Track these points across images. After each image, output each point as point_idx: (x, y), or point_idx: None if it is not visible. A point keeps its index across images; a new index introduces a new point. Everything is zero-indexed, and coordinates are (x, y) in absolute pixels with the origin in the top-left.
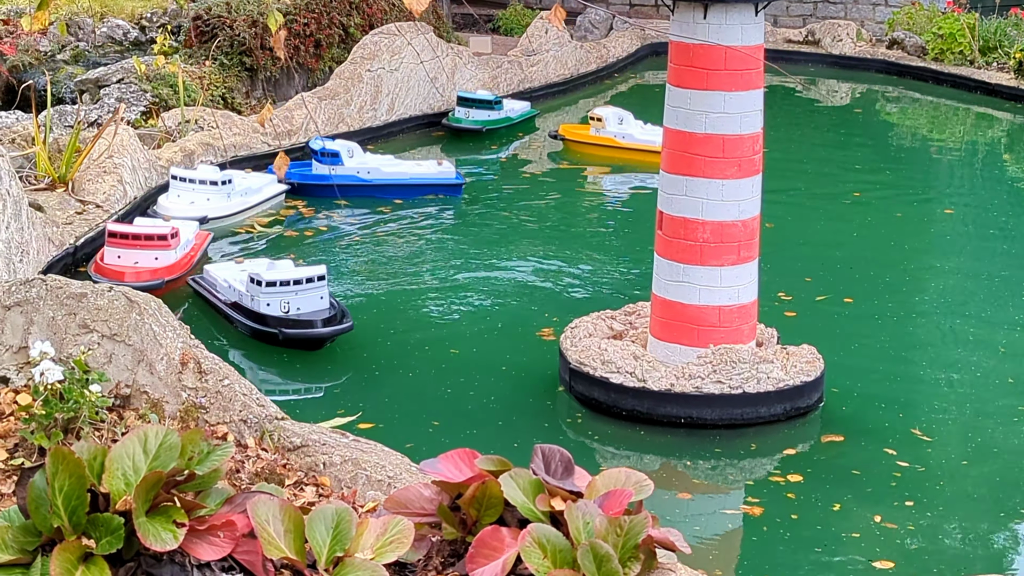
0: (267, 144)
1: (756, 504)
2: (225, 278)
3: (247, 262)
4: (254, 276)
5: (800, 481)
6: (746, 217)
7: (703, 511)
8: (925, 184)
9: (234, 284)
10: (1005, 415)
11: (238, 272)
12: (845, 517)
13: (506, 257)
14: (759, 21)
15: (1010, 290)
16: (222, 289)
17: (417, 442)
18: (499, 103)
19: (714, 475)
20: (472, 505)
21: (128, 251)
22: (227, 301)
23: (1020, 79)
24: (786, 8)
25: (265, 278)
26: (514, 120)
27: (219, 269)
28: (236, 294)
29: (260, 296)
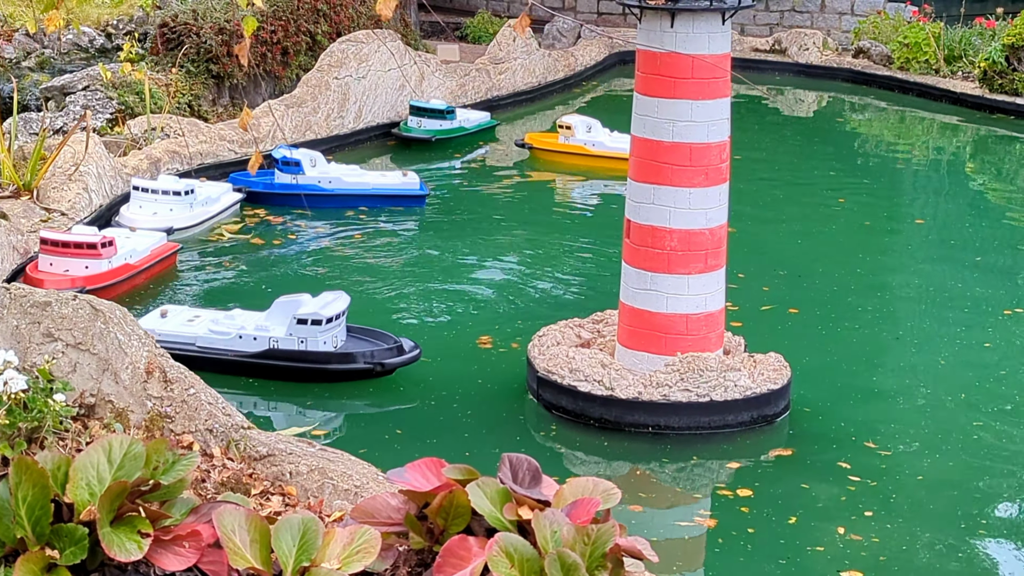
0: (234, 152)
1: (716, 515)
2: (234, 329)
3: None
4: (307, 316)
5: (750, 496)
6: (713, 225)
7: (670, 519)
8: (891, 193)
9: (256, 332)
10: (960, 428)
11: (244, 320)
12: (804, 529)
13: (472, 267)
14: (726, 30)
15: (974, 302)
16: (232, 343)
17: (383, 451)
18: (451, 113)
19: (681, 484)
20: (439, 514)
21: (59, 259)
22: (252, 352)
23: (985, 88)
24: (753, 17)
25: (324, 315)
26: (469, 130)
27: (204, 324)
28: (268, 342)
29: (318, 335)
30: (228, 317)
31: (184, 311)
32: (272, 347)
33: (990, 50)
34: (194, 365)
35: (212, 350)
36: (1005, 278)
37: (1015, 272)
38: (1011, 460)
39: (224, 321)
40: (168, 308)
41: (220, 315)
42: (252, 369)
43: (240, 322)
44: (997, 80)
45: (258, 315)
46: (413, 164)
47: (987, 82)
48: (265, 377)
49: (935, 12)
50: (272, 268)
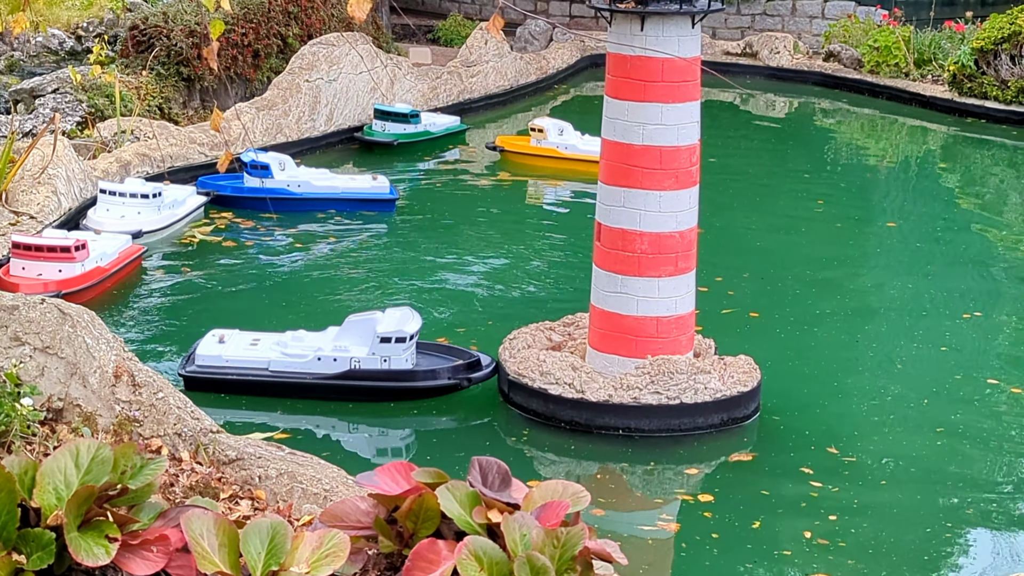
0: (204, 155)
1: (680, 519)
2: (311, 351)
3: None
4: (391, 335)
5: (711, 501)
6: (683, 228)
7: (634, 523)
8: (861, 197)
9: (335, 353)
10: (921, 432)
11: (314, 340)
12: (769, 534)
13: (443, 270)
14: (696, 34)
15: (934, 305)
16: (310, 365)
17: (352, 455)
18: (416, 117)
19: (644, 488)
20: (409, 518)
21: (32, 263)
22: (332, 374)
23: (954, 91)
24: (724, 20)
25: (408, 332)
26: (434, 134)
27: (269, 347)
28: (349, 362)
29: (401, 353)
30: (296, 339)
31: (240, 334)
32: (354, 367)
33: (959, 54)
34: (267, 391)
35: (289, 374)
36: (966, 282)
37: (977, 276)
38: (970, 464)
39: (295, 343)
40: (222, 332)
41: (284, 337)
42: (331, 391)
43: (313, 343)
44: (966, 83)
45: (325, 335)
46: (382, 168)
47: (956, 85)
48: (344, 399)
49: (905, 16)
50: (242, 272)
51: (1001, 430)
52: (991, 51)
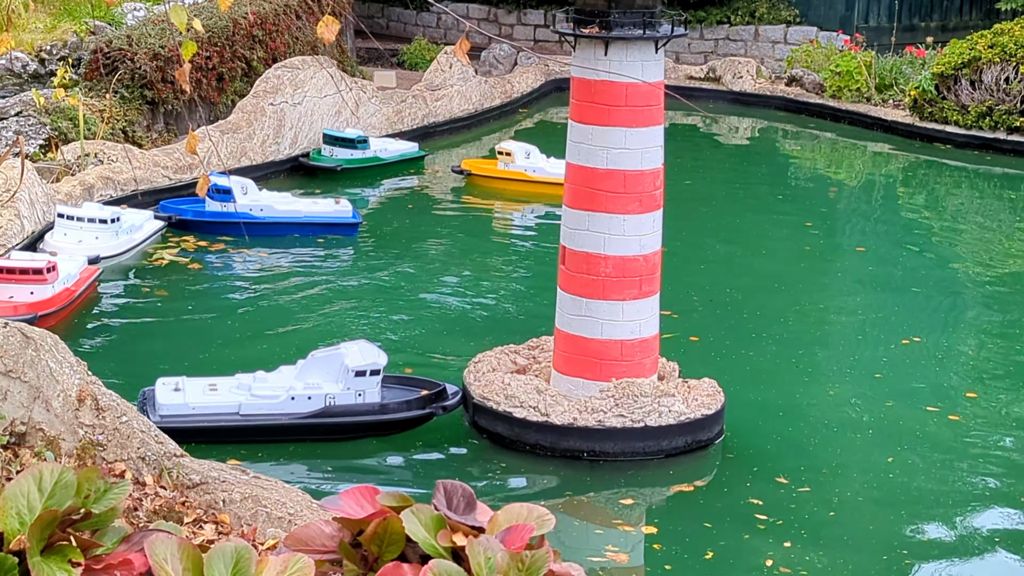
0: (168, 178)
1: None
2: (282, 391)
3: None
4: (365, 368)
5: (654, 533)
6: (647, 252)
7: (602, 544)
8: (823, 220)
9: (309, 391)
10: (872, 466)
11: (278, 380)
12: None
13: (407, 293)
14: (659, 58)
15: (875, 329)
16: (283, 405)
17: (317, 479)
18: (364, 142)
19: (611, 510)
20: (373, 541)
21: (3, 285)
22: (308, 412)
23: (915, 116)
24: (688, 45)
25: (381, 364)
26: (385, 160)
27: (232, 391)
28: (324, 400)
29: (375, 386)
30: (259, 379)
31: (193, 381)
32: (329, 404)
33: (920, 79)
34: (240, 435)
35: (263, 416)
36: (910, 306)
37: (922, 300)
38: (918, 492)
39: (260, 384)
40: (174, 380)
41: (244, 379)
42: (307, 431)
43: (281, 382)
44: (927, 108)
45: (284, 373)
46: (346, 192)
47: (917, 110)
48: (320, 438)
49: (866, 41)
50: (206, 296)
51: (946, 457)
52: (951, 76)
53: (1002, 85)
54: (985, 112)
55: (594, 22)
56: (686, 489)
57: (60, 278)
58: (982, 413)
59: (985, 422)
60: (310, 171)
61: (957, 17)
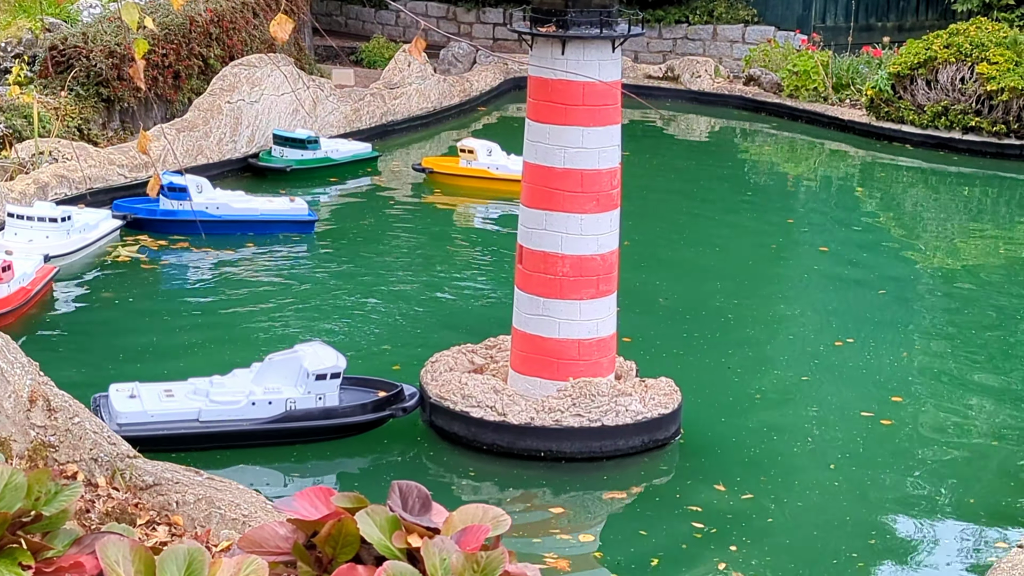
0: (124, 176)
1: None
2: (243, 396)
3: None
4: (326, 371)
5: (591, 541)
6: (605, 251)
7: (560, 545)
8: (778, 219)
9: (270, 396)
10: (816, 478)
11: (236, 384)
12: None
13: (365, 291)
14: (616, 58)
15: (810, 329)
16: (244, 411)
17: (272, 480)
18: (314, 143)
19: (568, 510)
20: (328, 543)
21: None
22: (269, 418)
23: (872, 116)
24: (646, 44)
25: (341, 367)
26: (336, 161)
27: (188, 396)
28: (285, 404)
29: (335, 390)
30: (216, 385)
31: (147, 387)
32: (290, 409)
33: (877, 78)
34: (200, 442)
35: (223, 422)
36: (849, 307)
37: (862, 302)
38: (861, 498)
39: (219, 390)
40: (129, 387)
41: (201, 384)
42: (268, 436)
43: (239, 387)
44: (883, 108)
45: (240, 377)
46: (302, 190)
47: (874, 110)
48: (281, 443)
49: (823, 41)
50: (160, 296)
51: (885, 461)
52: (908, 76)
53: (957, 85)
54: (941, 112)
55: (551, 21)
56: (621, 496)
57: (16, 277)
58: (910, 418)
59: (915, 427)
60: (259, 172)
61: (913, 17)
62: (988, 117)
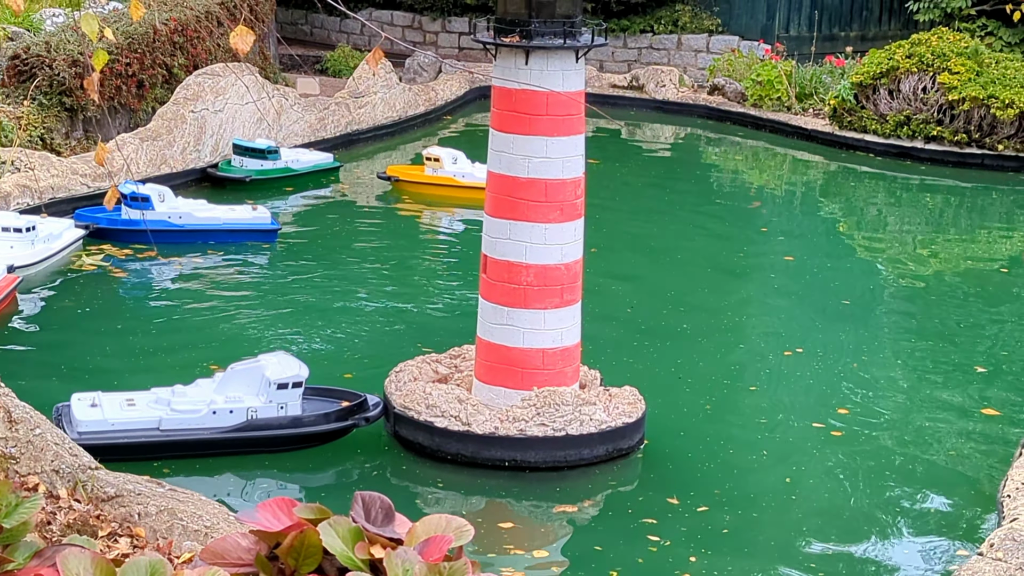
0: (87, 186)
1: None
2: (204, 405)
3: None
4: (287, 380)
5: (546, 555)
6: (569, 261)
7: (517, 560)
8: (742, 227)
9: (231, 405)
10: (771, 489)
11: (198, 393)
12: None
13: (328, 300)
14: (580, 68)
15: (761, 339)
16: (205, 420)
17: (234, 491)
18: (274, 153)
19: (528, 522)
20: (290, 554)
21: None
22: (230, 427)
23: (834, 125)
24: (611, 54)
25: (303, 376)
26: (297, 171)
27: (150, 405)
28: (246, 413)
29: (297, 399)
30: (178, 394)
31: (109, 396)
32: (251, 418)
33: (839, 88)
34: (161, 451)
35: (184, 431)
36: (806, 317)
37: (821, 312)
38: (816, 512)
39: (180, 399)
40: (91, 396)
41: (163, 393)
42: (229, 445)
43: (201, 396)
44: (846, 117)
45: (202, 386)
46: (263, 200)
47: (837, 119)
48: (241, 452)
49: (787, 51)
50: (123, 305)
51: (840, 472)
52: (870, 86)
53: (919, 94)
54: (903, 121)
55: (515, 31)
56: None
57: None
58: (861, 429)
59: (867, 438)
60: (218, 182)
61: (876, 27)
62: (949, 126)
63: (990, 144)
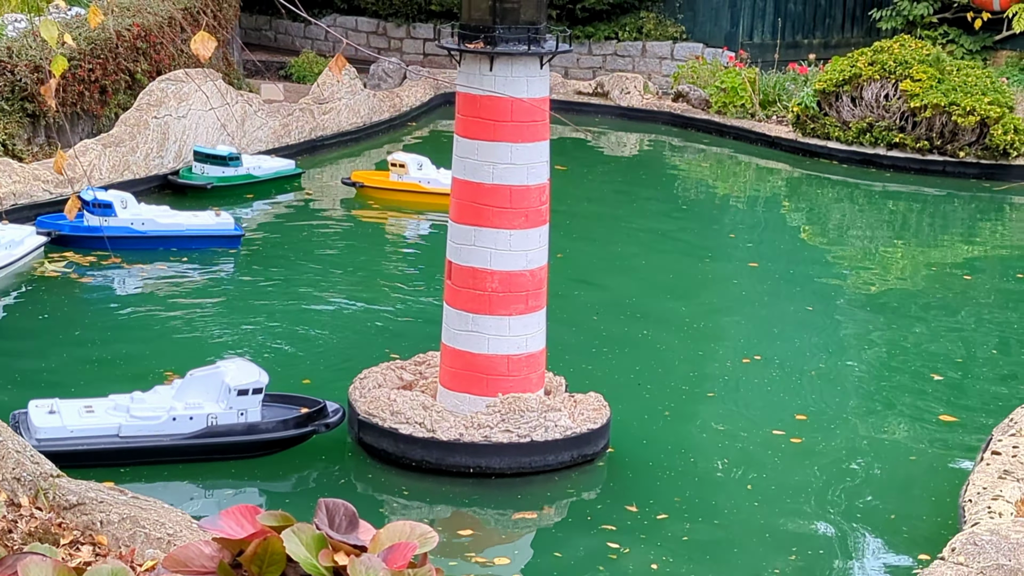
0: (49, 192)
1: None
2: (164, 411)
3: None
4: (248, 386)
5: (506, 564)
6: (534, 267)
7: (476, 569)
8: (706, 234)
9: (191, 411)
10: (731, 496)
11: (157, 400)
12: None
13: (291, 309)
14: (544, 74)
15: (719, 345)
16: (165, 426)
17: (198, 499)
18: (236, 159)
19: (488, 529)
20: (254, 562)
21: None
22: (189, 433)
23: (798, 132)
24: (576, 60)
25: (264, 382)
26: (259, 178)
27: (109, 412)
28: (206, 420)
29: (257, 405)
30: (137, 400)
31: (67, 403)
32: (211, 424)
33: (803, 95)
34: (120, 458)
35: (143, 438)
36: (767, 323)
37: (781, 318)
38: (775, 521)
39: (139, 405)
40: (48, 403)
41: (121, 400)
42: (189, 451)
43: (160, 403)
44: (809, 124)
45: (161, 393)
46: (226, 206)
47: (800, 126)
48: (201, 459)
49: (751, 58)
50: (84, 313)
51: (802, 479)
52: (833, 93)
53: (882, 102)
54: (866, 128)
55: (479, 37)
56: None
57: None
58: (822, 436)
59: (827, 445)
60: (179, 189)
61: (839, 35)
62: (912, 133)
63: (951, 151)
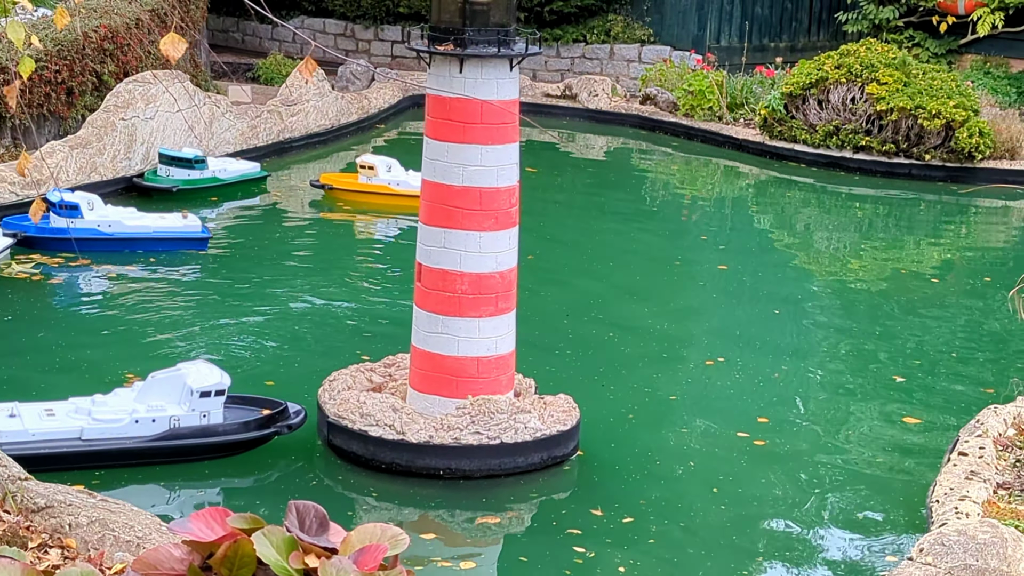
0: (15, 194)
1: None
2: (126, 414)
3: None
4: (210, 388)
5: (473, 567)
6: (504, 269)
7: (449, 566)
8: (674, 237)
9: (153, 414)
10: (698, 499)
11: (118, 402)
12: None
13: (261, 309)
14: (514, 76)
15: (683, 347)
16: (127, 429)
17: (168, 501)
18: (201, 162)
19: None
20: (224, 564)
21: None
22: (152, 436)
23: (765, 135)
24: (545, 63)
25: (226, 384)
26: (224, 181)
27: (70, 415)
28: (169, 422)
29: (220, 407)
30: (98, 403)
31: (28, 406)
32: (174, 426)
33: (770, 98)
34: (82, 461)
35: (105, 440)
36: (732, 326)
37: (747, 320)
38: (743, 523)
39: (100, 408)
40: (10, 406)
41: (82, 402)
42: (151, 454)
43: (121, 405)
44: (776, 127)
45: (122, 395)
46: (193, 208)
47: (767, 129)
48: (164, 461)
49: (718, 61)
50: (48, 315)
51: (768, 481)
52: (800, 96)
53: (848, 105)
54: (832, 131)
55: (449, 39)
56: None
57: None
58: (786, 438)
59: (792, 447)
60: (146, 191)
61: (805, 38)
62: (878, 136)
63: (917, 154)
